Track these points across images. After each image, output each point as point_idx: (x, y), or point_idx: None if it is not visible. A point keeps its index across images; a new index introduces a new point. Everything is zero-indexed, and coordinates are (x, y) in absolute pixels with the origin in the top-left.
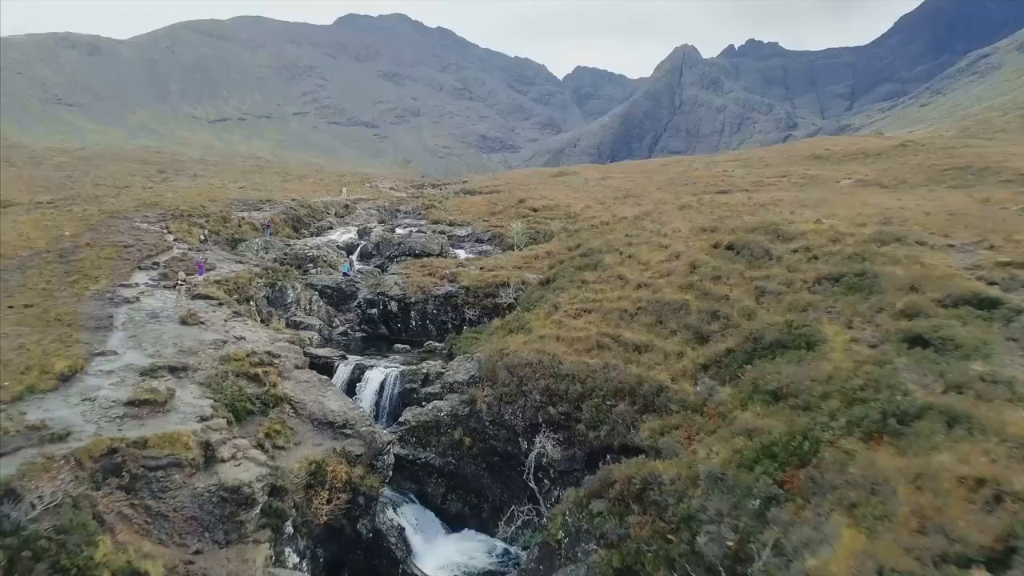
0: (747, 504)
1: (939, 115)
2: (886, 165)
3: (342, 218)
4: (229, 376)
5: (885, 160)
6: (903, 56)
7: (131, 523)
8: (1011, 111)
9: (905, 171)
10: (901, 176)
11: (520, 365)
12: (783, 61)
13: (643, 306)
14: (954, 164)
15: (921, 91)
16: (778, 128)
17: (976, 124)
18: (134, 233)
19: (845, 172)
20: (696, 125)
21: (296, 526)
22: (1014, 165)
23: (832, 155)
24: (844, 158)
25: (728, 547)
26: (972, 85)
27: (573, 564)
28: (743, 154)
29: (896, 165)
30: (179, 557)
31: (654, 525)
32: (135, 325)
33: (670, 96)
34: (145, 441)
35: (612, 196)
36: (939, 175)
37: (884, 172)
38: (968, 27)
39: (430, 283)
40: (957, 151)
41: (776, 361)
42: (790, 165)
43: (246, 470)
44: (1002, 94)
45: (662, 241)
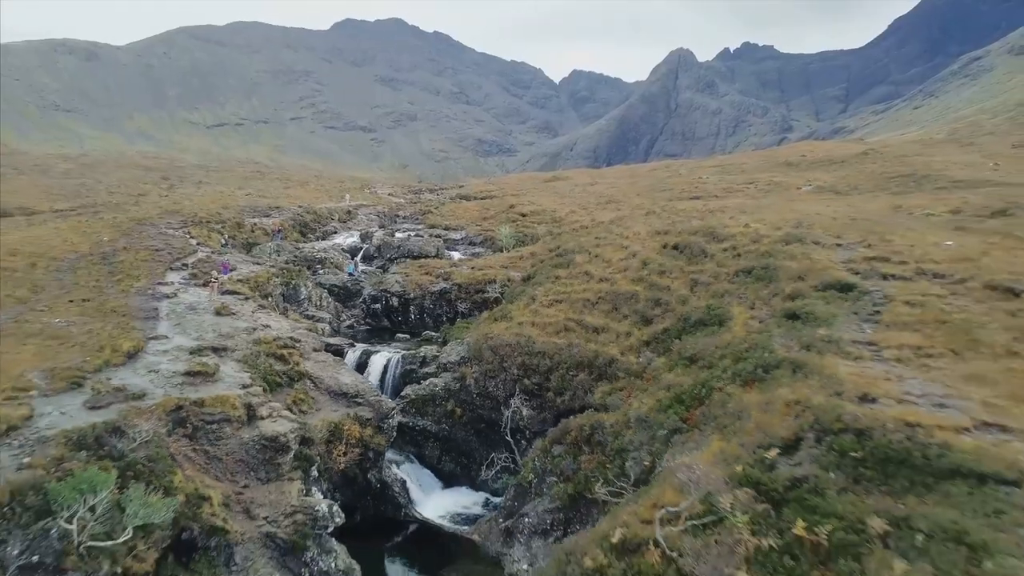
0: (659, 435)
1: (931, 118)
2: (845, 172)
3: (345, 223)
4: (261, 355)
5: (846, 167)
6: (897, 58)
7: (194, 463)
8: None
9: (859, 178)
10: (854, 183)
11: (502, 346)
12: (778, 64)
13: (602, 296)
14: (901, 172)
15: (914, 94)
16: (773, 131)
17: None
18: (162, 238)
19: (808, 179)
20: (692, 128)
21: (320, 471)
22: (951, 174)
23: (803, 161)
24: (813, 164)
25: (644, 466)
26: (964, 88)
27: (539, 497)
28: (728, 159)
29: (854, 172)
30: (232, 490)
31: (598, 459)
32: (177, 316)
33: (666, 99)
34: (202, 401)
35: (595, 202)
36: (886, 182)
37: (841, 179)
38: (962, 29)
39: (427, 281)
40: (908, 159)
41: (696, 336)
42: (761, 172)
43: (281, 425)
44: (992, 96)
45: (623, 243)
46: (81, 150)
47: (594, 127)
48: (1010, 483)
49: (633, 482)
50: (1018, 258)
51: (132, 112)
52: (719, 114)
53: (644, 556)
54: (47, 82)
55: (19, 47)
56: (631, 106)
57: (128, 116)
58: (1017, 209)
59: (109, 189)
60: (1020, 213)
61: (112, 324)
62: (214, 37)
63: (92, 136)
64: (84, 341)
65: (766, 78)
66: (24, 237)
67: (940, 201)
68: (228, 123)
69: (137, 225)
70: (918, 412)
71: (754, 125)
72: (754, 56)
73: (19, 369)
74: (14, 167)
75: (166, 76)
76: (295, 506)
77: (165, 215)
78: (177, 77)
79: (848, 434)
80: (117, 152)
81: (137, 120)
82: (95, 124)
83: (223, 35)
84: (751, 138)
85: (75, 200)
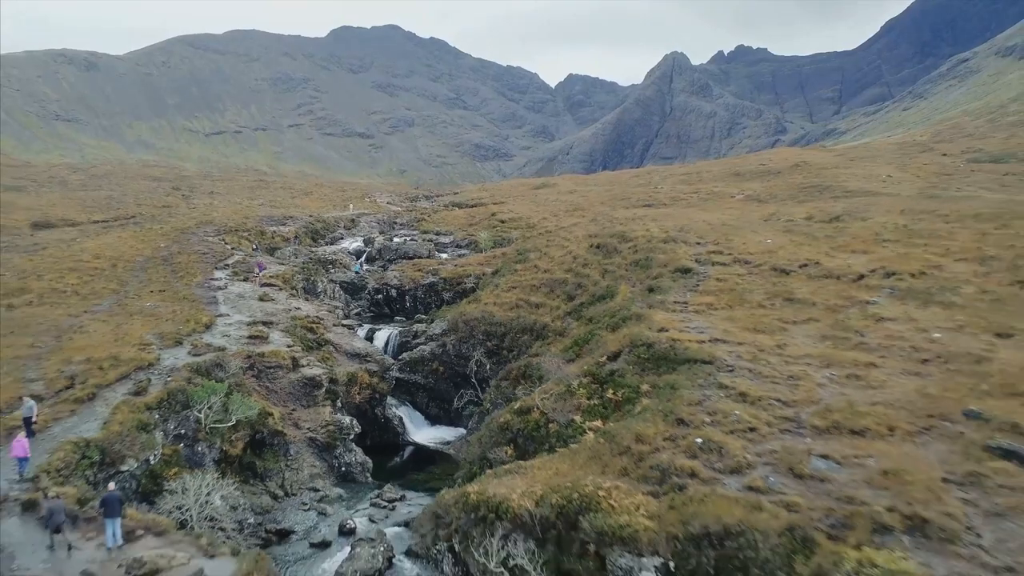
0: (560, 364)
1: (918, 120)
2: (774, 183)
3: (350, 230)
4: (297, 327)
5: (778, 178)
6: (889, 60)
7: (260, 393)
8: (982, 115)
9: (781, 188)
10: (775, 193)
11: (471, 320)
12: (772, 66)
13: (544, 282)
14: (813, 183)
15: (904, 95)
16: (767, 133)
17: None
18: (204, 244)
19: (744, 188)
20: (687, 131)
21: (343, 403)
22: (848, 185)
23: (753, 171)
24: (756, 175)
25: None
26: (952, 89)
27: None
28: (696, 167)
29: (780, 183)
30: (285, 411)
31: (529, 386)
32: (231, 301)
33: (660, 103)
34: (263, 353)
35: (564, 210)
36: (799, 192)
37: (768, 189)
38: (953, 30)
39: (419, 276)
40: (826, 171)
41: (596, 305)
42: (715, 181)
43: (315, 370)
44: (977, 98)
45: (565, 244)
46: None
47: (590, 131)
48: (707, 363)
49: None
50: (801, 251)
51: (132, 121)
52: (713, 117)
53: (530, 414)
54: (47, 92)
55: (19, 58)
56: (626, 110)
57: (128, 125)
58: (847, 216)
59: (136, 201)
60: (847, 219)
61: (187, 306)
62: (212, 46)
63: (92, 145)
64: (172, 317)
65: (760, 80)
66: (99, 244)
67: (811, 208)
68: (227, 131)
69: (181, 234)
70: (683, 335)
71: (748, 127)
72: (748, 59)
73: (139, 333)
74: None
75: (165, 85)
76: (327, 421)
77: (201, 225)
78: (176, 86)
79: (642, 347)
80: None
81: (137, 129)
82: (95, 133)
83: (221, 44)
84: (745, 140)
85: (108, 212)
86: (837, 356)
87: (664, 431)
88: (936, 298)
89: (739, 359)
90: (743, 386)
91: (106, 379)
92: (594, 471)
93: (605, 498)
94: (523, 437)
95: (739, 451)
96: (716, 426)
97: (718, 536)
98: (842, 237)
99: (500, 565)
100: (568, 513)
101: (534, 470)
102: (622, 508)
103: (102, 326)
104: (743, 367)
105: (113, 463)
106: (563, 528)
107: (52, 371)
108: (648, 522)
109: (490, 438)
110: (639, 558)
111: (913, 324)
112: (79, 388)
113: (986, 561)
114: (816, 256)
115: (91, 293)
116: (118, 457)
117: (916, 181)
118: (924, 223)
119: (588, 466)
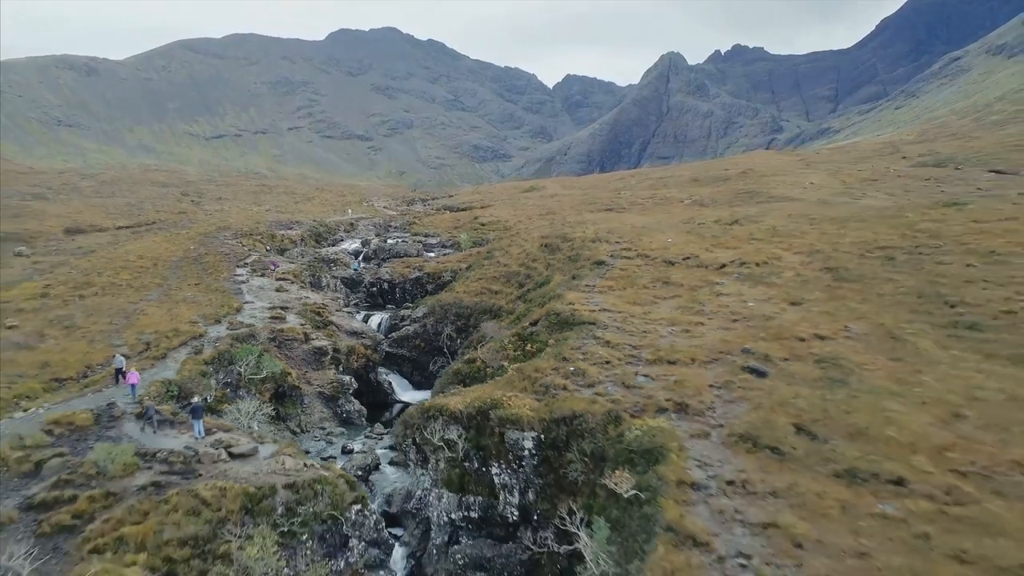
0: (504, 333)
1: (908, 118)
2: (720, 189)
3: (349, 233)
4: (307, 312)
5: (726, 184)
6: (884, 58)
7: (281, 358)
8: (968, 114)
9: (723, 194)
10: (716, 198)
11: (446, 305)
12: (768, 65)
13: (502, 274)
14: (749, 189)
15: (897, 94)
16: (763, 132)
17: (934, 128)
18: (226, 246)
19: (694, 194)
20: (683, 131)
21: (344, 368)
22: (776, 191)
23: (711, 177)
24: (711, 181)
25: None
26: (943, 88)
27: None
28: (670, 171)
29: (724, 189)
30: (300, 372)
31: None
32: (253, 292)
33: (657, 103)
34: (282, 329)
35: (538, 213)
36: (734, 198)
37: (713, 194)
38: (948, 29)
39: (408, 272)
40: (765, 179)
41: (536, 291)
42: (674, 187)
43: (322, 342)
44: (966, 97)
45: (523, 243)
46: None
47: (587, 132)
48: (592, 324)
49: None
50: (689, 247)
51: (133, 125)
52: (710, 116)
53: (475, 363)
54: (49, 97)
55: (20, 64)
56: (623, 110)
57: (129, 129)
58: (745, 219)
59: (154, 208)
60: (744, 222)
61: (219, 296)
62: (211, 50)
63: (94, 150)
64: (209, 304)
65: (756, 79)
66: (140, 247)
67: (729, 212)
68: (227, 134)
69: (205, 238)
70: (582, 307)
71: (745, 127)
72: (745, 58)
73: (187, 315)
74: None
75: (165, 89)
76: (332, 379)
77: (220, 230)
78: (176, 90)
79: (554, 316)
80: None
81: (138, 133)
82: (97, 138)
83: (220, 48)
84: (742, 139)
85: (131, 218)
86: (681, 318)
87: (552, 365)
88: (764, 280)
89: (614, 321)
90: (609, 337)
91: (171, 344)
92: (504, 389)
93: (506, 401)
94: (468, 378)
95: (595, 374)
96: (585, 361)
97: (569, 418)
98: (725, 236)
99: (440, 440)
100: (484, 410)
101: (469, 392)
102: (516, 406)
103: (157, 310)
104: (615, 326)
105: (185, 396)
106: (480, 419)
107: (131, 339)
108: (530, 413)
109: (447, 380)
110: (523, 432)
111: (739, 297)
112: (154, 350)
113: (711, 422)
114: (698, 251)
115: (142, 286)
116: (188, 392)
117: (833, 187)
118: (795, 225)
119: (503, 387)
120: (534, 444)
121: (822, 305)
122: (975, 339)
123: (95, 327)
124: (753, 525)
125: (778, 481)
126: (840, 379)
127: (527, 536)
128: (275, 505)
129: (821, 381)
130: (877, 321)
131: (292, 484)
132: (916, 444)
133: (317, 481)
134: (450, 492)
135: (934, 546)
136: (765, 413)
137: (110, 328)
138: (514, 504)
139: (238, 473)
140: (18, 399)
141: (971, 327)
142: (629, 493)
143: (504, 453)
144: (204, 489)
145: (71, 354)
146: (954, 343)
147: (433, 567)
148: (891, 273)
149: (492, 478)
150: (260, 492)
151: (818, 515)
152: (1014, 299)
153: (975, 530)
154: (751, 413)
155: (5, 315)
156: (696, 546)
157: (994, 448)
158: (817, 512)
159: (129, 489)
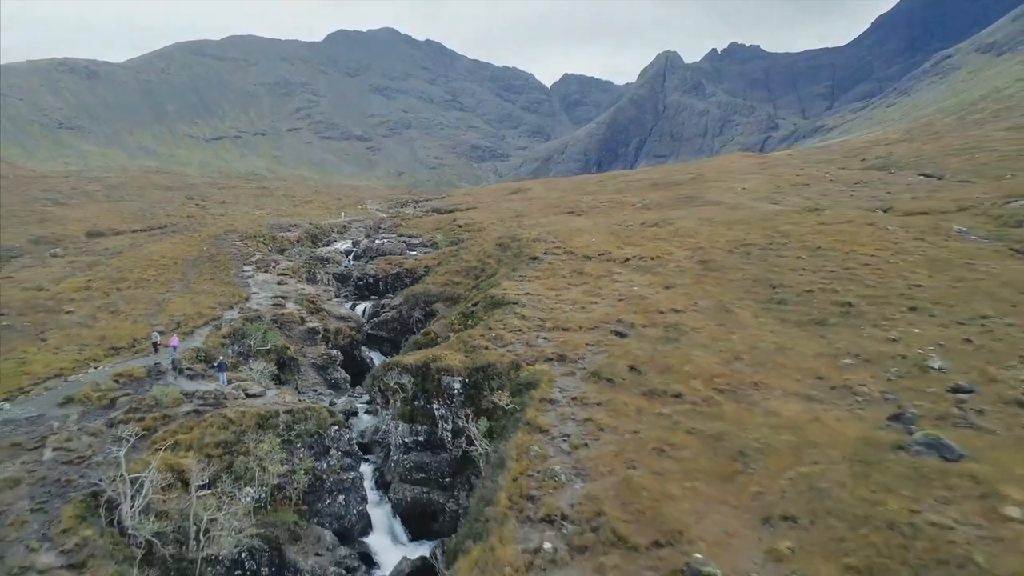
0: (455, 313)
1: (899, 116)
2: (668, 193)
3: (342, 234)
4: (303, 300)
5: (676, 188)
6: (879, 56)
7: (282, 336)
8: (953, 113)
9: (668, 198)
10: (661, 202)
11: (417, 293)
12: (765, 63)
13: (463, 268)
14: (690, 195)
15: (890, 92)
16: (759, 130)
17: (920, 127)
18: (233, 247)
19: (646, 197)
20: (680, 130)
21: (333, 344)
22: (712, 196)
23: (668, 182)
24: (666, 185)
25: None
26: (934, 86)
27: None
28: (636, 175)
29: (671, 194)
30: (297, 347)
31: (438, 322)
32: (258, 285)
33: (654, 102)
34: (283, 314)
35: (510, 216)
36: (676, 202)
37: (660, 198)
38: (942, 26)
39: (390, 268)
40: (708, 184)
41: (486, 281)
42: (635, 192)
43: (315, 324)
44: (954, 95)
45: (482, 243)
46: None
47: (584, 131)
48: (515, 303)
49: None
50: (606, 245)
51: (133, 128)
52: (706, 115)
53: (428, 335)
54: (50, 101)
55: (21, 67)
56: (620, 109)
57: (129, 132)
58: (663, 221)
59: (164, 212)
60: (663, 224)
61: (231, 288)
62: (210, 52)
63: (96, 152)
64: (222, 294)
65: (753, 78)
66: (160, 248)
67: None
68: (227, 136)
69: (215, 240)
70: (511, 292)
71: (741, 125)
72: (741, 56)
73: (207, 302)
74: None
75: (165, 91)
76: (323, 353)
77: (227, 233)
78: (175, 92)
79: (491, 298)
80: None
81: (138, 135)
82: (98, 140)
83: (219, 49)
84: (738, 138)
85: (144, 222)
86: (582, 299)
87: (481, 332)
88: (652, 270)
89: (532, 302)
90: (526, 313)
91: (196, 323)
92: (445, 351)
93: (445, 356)
94: (424, 345)
95: (509, 338)
96: (504, 329)
97: (485, 367)
98: (638, 237)
99: (396, 384)
100: (427, 362)
101: (419, 352)
102: (450, 359)
103: (182, 299)
104: (532, 305)
105: (210, 360)
106: (424, 369)
107: (164, 320)
108: (459, 363)
109: (409, 348)
110: (453, 377)
111: (629, 283)
112: (183, 327)
113: (579, 367)
114: (611, 249)
115: (167, 280)
116: (212, 357)
117: (760, 192)
118: (697, 226)
119: (444, 350)
120: (461, 385)
121: (687, 288)
122: (780, 311)
123: (135, 311)
124: (578, 421)
125: (604, 397)
126: (674, 338)
127: (454, 445)
128: (278, 423)
129: (661, 339)
130: (719, 299)
131: (290, 410)
132: (699, 375)
133: (307, 409)
134: (404, 423)
135: (679, 427)
136: (613, 359)
137: (147, 312)
138: (448, 429)
139: (253, 404)
140: (88, 361)
141: (780, 302)
142: (509, 406)
143: (441, 392)
144: (230, 412)
145: (120, 331)
146: (764, 313)
147: (391, 474)
148: (744, 264)
149: (433, 411)
150: (268, 414)
151: (620, 414)
152: (817, 282)
153: (707, 418)
154: (605, 359)
155: (63, 303)
156: (540, 432)
157: (745, 376)
158: (620, 413)
159: (179, 413)
